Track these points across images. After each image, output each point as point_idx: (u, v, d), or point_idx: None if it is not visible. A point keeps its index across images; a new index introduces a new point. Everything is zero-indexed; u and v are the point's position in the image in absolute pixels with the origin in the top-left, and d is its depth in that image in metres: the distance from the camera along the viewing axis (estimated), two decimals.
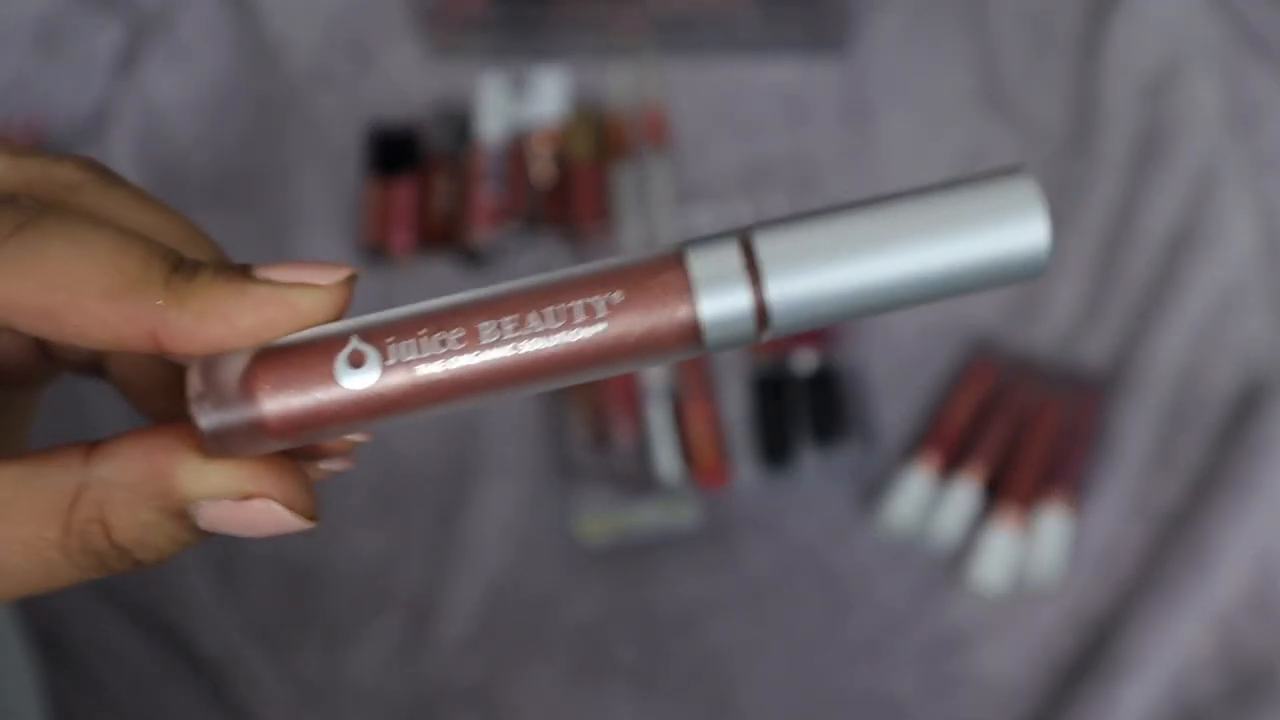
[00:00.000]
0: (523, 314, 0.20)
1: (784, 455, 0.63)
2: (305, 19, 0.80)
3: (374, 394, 0.21)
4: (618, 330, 0.20)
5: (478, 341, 0.20)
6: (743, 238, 0.20)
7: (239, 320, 0.20)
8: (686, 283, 0.20)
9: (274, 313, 0.21)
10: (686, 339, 0.20)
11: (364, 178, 0.75)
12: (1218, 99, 0.70)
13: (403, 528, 0.65)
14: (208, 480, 0.21)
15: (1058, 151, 0.72)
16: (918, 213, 0.20)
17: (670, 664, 0.61)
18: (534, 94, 0.76)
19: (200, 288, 0.20)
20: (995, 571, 0.60)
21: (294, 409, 0.21)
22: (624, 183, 0.73)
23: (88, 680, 0.60)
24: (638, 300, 0.20)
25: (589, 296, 0.20)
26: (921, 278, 0.20)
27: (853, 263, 0.20)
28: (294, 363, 0.21)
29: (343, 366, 0.20)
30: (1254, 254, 0.66)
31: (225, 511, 0.21)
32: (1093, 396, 0.63)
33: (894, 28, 0.77)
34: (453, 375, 0.21)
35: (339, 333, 0.21)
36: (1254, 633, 0.58)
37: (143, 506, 0.21)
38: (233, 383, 0.21)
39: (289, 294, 0.21)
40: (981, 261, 0.20)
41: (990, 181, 0.20)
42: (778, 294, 0.20)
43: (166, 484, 0.21)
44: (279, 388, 0.20)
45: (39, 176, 0.22)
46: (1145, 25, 0.73)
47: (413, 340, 0.21)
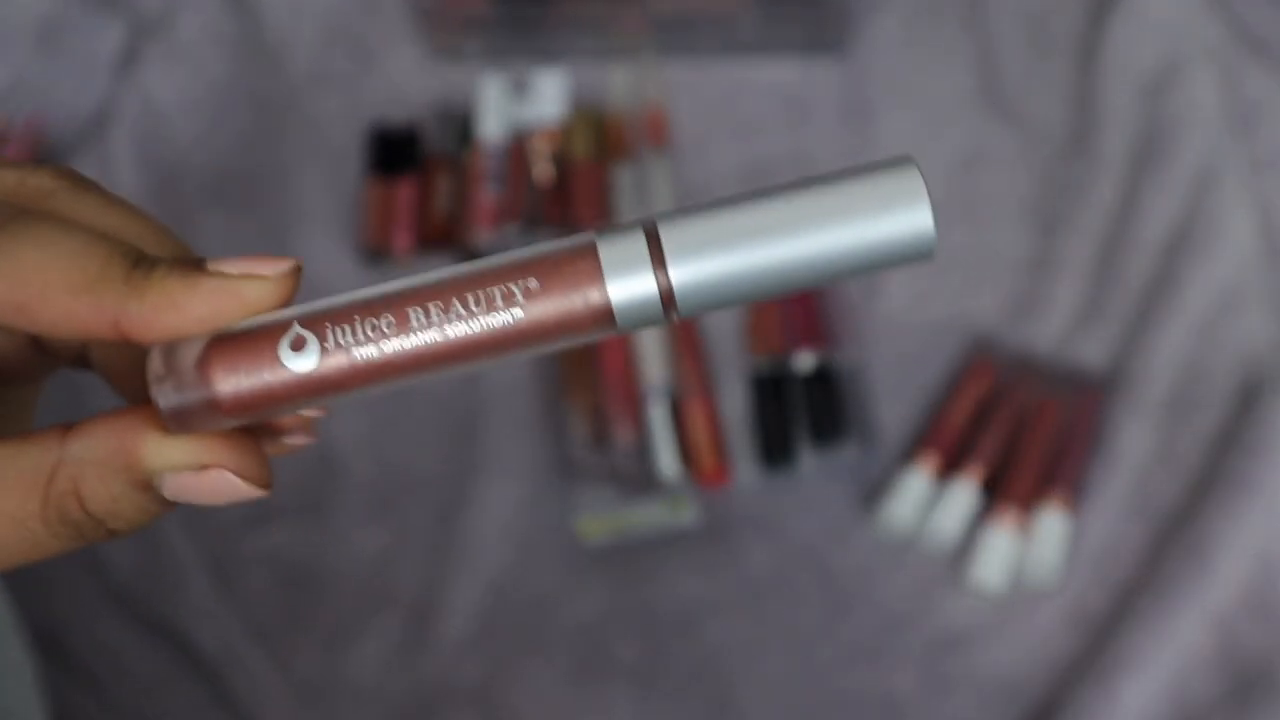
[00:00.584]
0: (447, 300, 0.22)
1: (784, 455, 0.64)
2: (306, 19, 0.80)
3: (315, 375, 0.23)
4: (535, 313, 0.22)
5: (408, 326, 0.22)
6: (648, 227, 0.22)
7: (191, 309, 0.23)
8: (598, 269, 0.22)
9: (223, 302, 0.23)
10: (599, 320, 0.22)
11: (364, 178, 0.75)
12: (1217, 99, 0.70)
13: (403, 528, 0.65)
14: (168, 454, 0.23)
15: (1058, 151, 0.72)
16: (811, 201, 0.22)
17: (670, 664, 0.61)
18: (534, 94, 0.76)
19: (156, 281, 0.23)
20: (995, 571, 0.60)
21: (244, 389, 0.23)
22: (624, 183, 0.73)
23: (88, 680, 0.60)
24: (553, 286, 0.22)
25: (508, 282, 0.22)
26: (814, 261, 0.22)
27: (750, 248, 0.22)
28: (243, 347, 0.23)
29: (285, 350, 0.23)
30: (1253, 254, 0.66)
31: (186, 482, 0.23)
32: (1092, 396, 0.64)
33: (894, 28, 0.77)
34: (386, 357, 0.23)
35: (283, 319, 0.23)
36: (1253, 632, 0.58)
37: (112, 479, 0.23)
38: (189, 366, 0.23)
39: (237, 285, 0.23)
40: (871, 245, 0.22)
41: (879, 171, 0.22)
42: (680, 277, 0.22)
43: (132, 458, 0.23)
44: (230, 370, 0.23)
45: (14, 184, 0.25)
46: (1144, 25, 0.73)
47: (348, 325, 0.23)
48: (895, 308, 0.68)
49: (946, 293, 0.69)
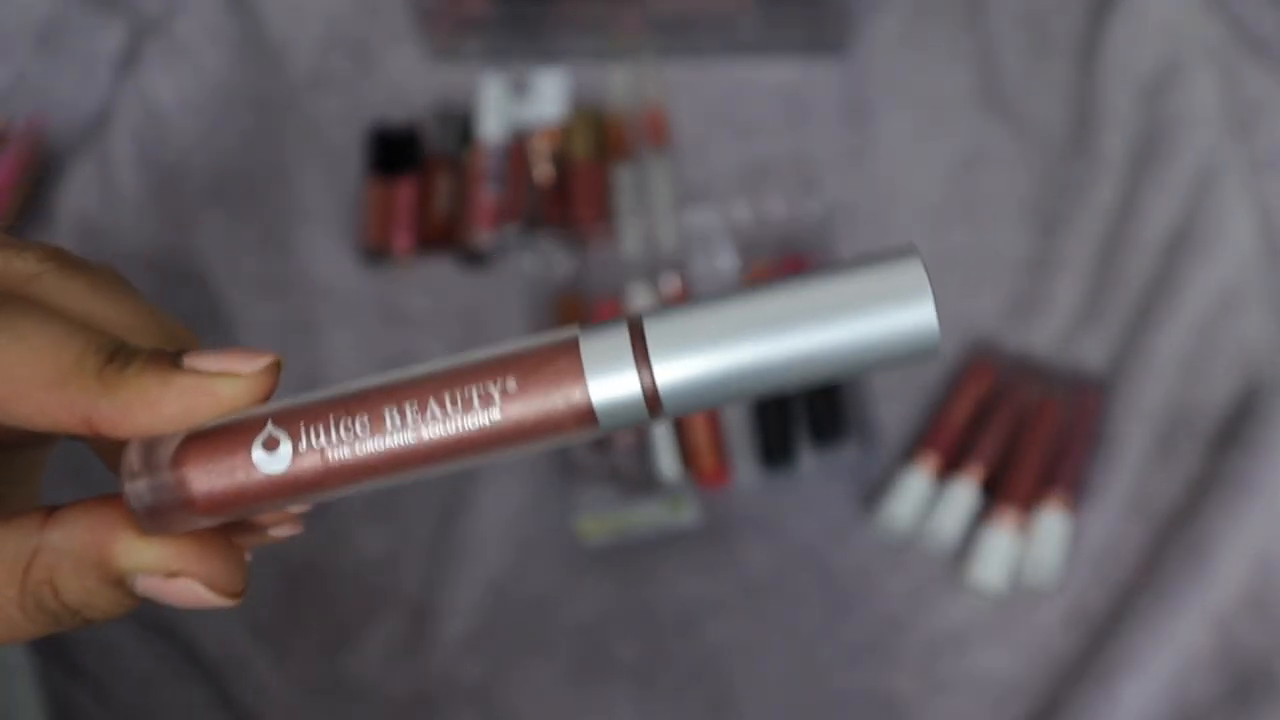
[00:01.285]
0: (423, 401, 0.21)
1: (784, 455, 0.64)
2: (306, 20, 0.80)
3: (289, 476, 0.22)
4: (513, 415, 0.21)
5: (383, 427, 0.22)
6: (633, 324, 0.21)
7: (165, 408, 0.22)
8: (579, 368, 0.21)
9: (198, 400, 0.22)
10: (581, 421, 0.21)
11: (365, 178, 0.75)
12: (1217, 99, 0.70)
13: (403, 528, 0.66)
14: (139, 556, 0.23)
15: (1058, 151, 0.72)
16: (804, 297, 0.21)
17: (670, 663, 0.61)
18: (534, 95, 0.76)
19: (130, 378, 0.22)
20: (994, 571, 0.60)
21: (218, 489, 0.22)
22: (624, 183, 0.73)
23: (89, 680, 0.60)
24: (532, 386, 0.21)
25: (486, 382, 0.21)
26: (807, 361, 0.21)
27: (739, 347, 0.21)
28: (217, 445, 0.22)
29: (258, 450, 0.22)
30: (1252, 254, 0.66)
31: (154, 585, 0.23)
32: (1092, 396, 0.64)
33: (894, 28, 0.77)
34: (360, 459, 0.22)
35: (257, 417, 0.22)
36: (1252, 632, 0.58)
37: (86, 574, 0.23)
38: (164, 463, 0.22)
39: (212, 383, 0.22)
40: (867, 344, 0.20)
41: (880, 264, 0.20)
42: (666, 377, 0.21)
43: (104, 556, 0.23)
44: (204, 469, 0.22)
45: (0, 268, 0.24)
46: (1144, 26, 0.73)
47: (322, 425, 0.22)
48: None
49: (946, 293, 0.69)
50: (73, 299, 0.24)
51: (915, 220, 0.71)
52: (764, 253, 0.68)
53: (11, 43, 0.77)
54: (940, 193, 0.72)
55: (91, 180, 0.74)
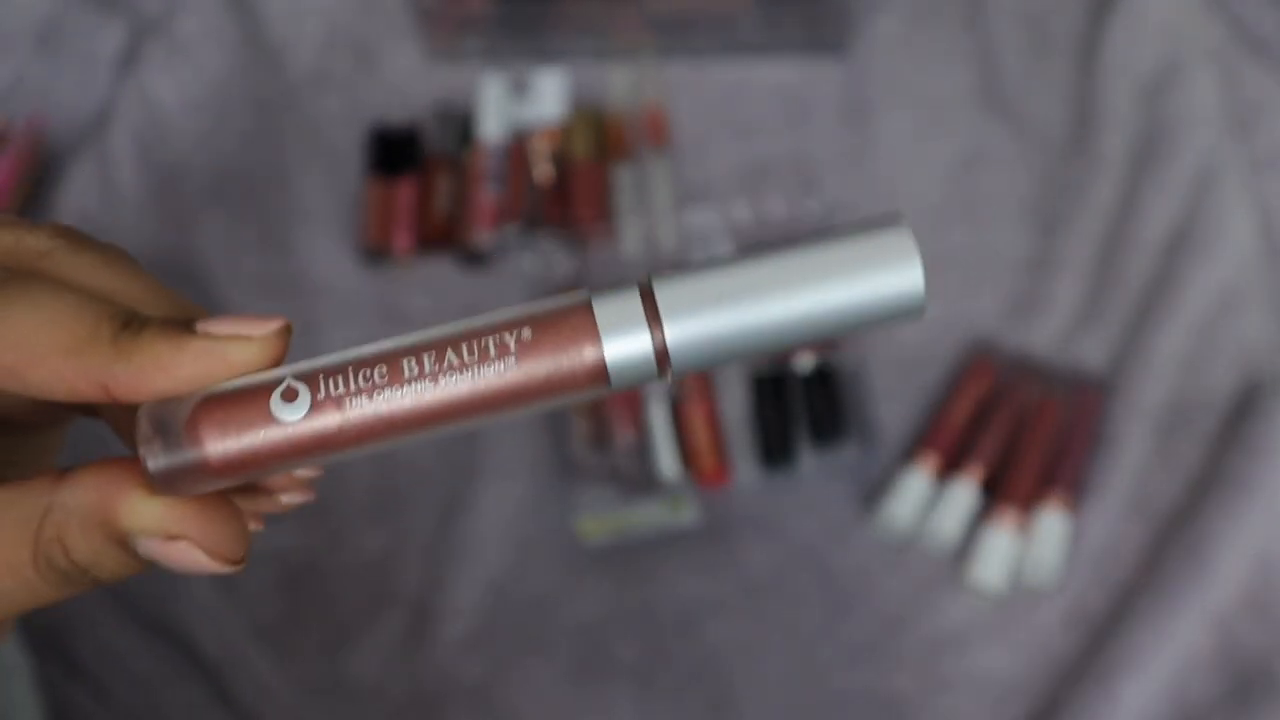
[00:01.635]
0: (440, 350, 0.22)
1: (784, 455, 0.64)
2: (306, 20, 0.80)
3: (307, 429, 0.22)
4: (528, 367, 0.22)
5: (400, 376, 0.22)
6: (643, 286, 0.22)
7: (178, 371, 0.23)
8: (593, 326, 0.22)
9: (210, 364, 0.23)
10: (594, 378, 0.22)
11: (365, 178, 0.75)
12: (1216, 99, 0.70)
13: (403, 528, 0.66)
14: (142, 518, 0.23)
15: (1057, 152, 0.72)
16: (804, 261, 0.22)
17: (670, 663, 0.61)
18: (534, 95, 0.76)
19: (144, 343, 0.23)
20: (994, 571, 0.60)
21: (234, 449, 0.22)
22: (624, 183, 0.73)
23: (89, 680, 0.60)
24: (547, 340, 0.22)
25: (501, 333, 0.22)
26: (806, 320, 0.22)
27: (743, 308, 0.22)
28: (234, 405, 0.22)
29: (277, 401, 0.22)
30: (1252, 254, 0.66)
31: (156, 547, 0.23)
32: (1092, 396, 0.64)
33: (894, 28, 0.77)
34: (379, 410, 0.22)
35: (275, 378, 0.23)
36: (1252, 632, 0.58)
37: (92, 533, 0.23)
38: (178, 426, 0.22)
39: (224, 346, 0.23)
40: (861, 304, 0.22)
41: (871, 230, 0.22)
42: (675, 336, 0.22)
43: (109, 515, 0.23)
44: (220, 430, 0.22)
45: (11, 245, 0.25)
46: (1144, 26, 0.73)
47: (340, 376, 0.22)
48: None
49: (946, 293, 0.69)
50: (84, 274, 0.25)
51: (915, 220, 0.70)
52: None
53: (11, 43, 0.77)
54: (940, 193, 0.72)
55: (92, 180, 0.74)
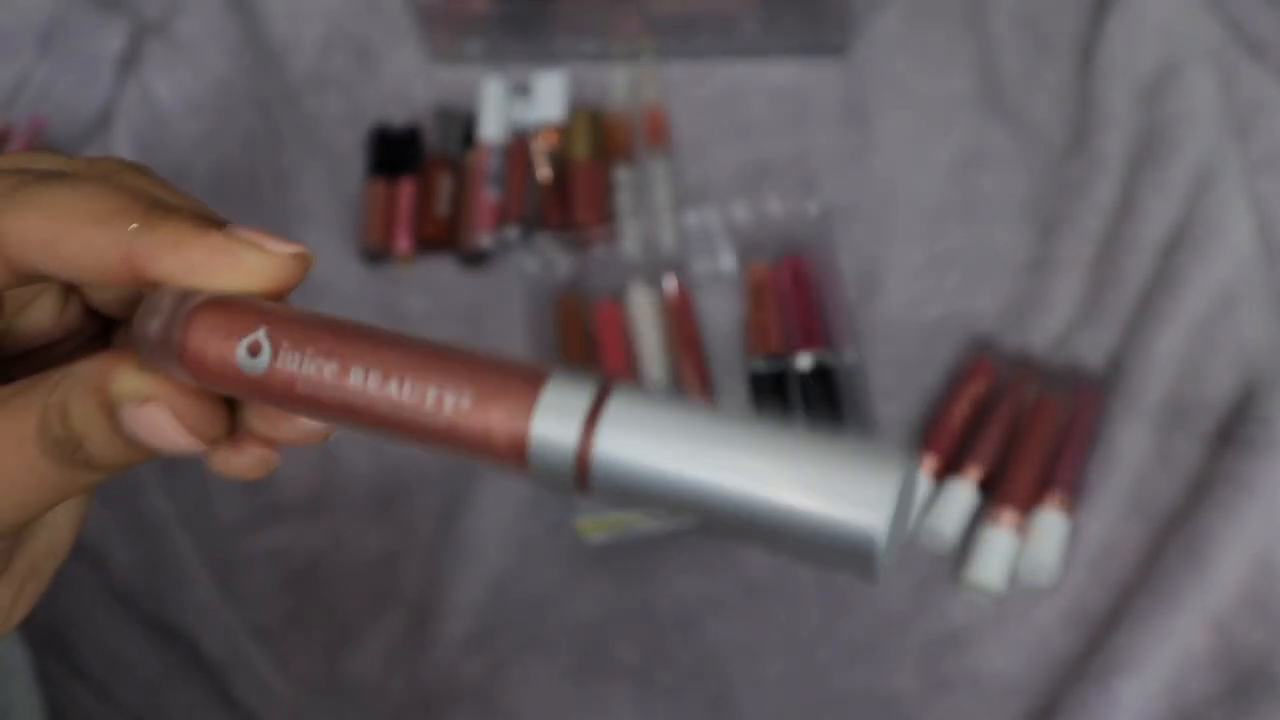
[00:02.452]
0: (387, 374, 0.22)
1: None
2: (307, 21, 0.80)
3: (260, 380, 0.24)
4: (458, 424, 0.22)
5: (346, 380, 0.23)
6: (604, 387, 0.21)
7: (190, 255, 0.24)
8: (532, 405, 0.21)
9: (224, 259, 0.24)
10: (515, 457, 0.21)
11: (365, 179, 0.75)
12: (1216, 100, 0.70)
13: (404, 527, 0.66)
14: (125, 382, 0.24)
15: (1057, 152, 0.72)
16: (769, 449, 0.19)
17: (670, 663, 0.61)
18: (535, 96, 0.76)
19: (173, 222, 0.24)
20: (993, 571, 0.60)
21: (205, 358, 0.24)
22: (624, 183, 0.73)
23: (90, 680, 0.61)
24: (483, 406, 0.21)
25: (444, 388, 0.22)
26: (738, 514, 0.19)
27: (683, 462, 0.20)
28: (222, 320, 0.24)
29: (242, 350, 0.24)
30: (1252, 254, 0.66)
31: (132, 414, 0.24)
32: (1091, 396, 0.64)
33: (894, 28, 0.77)
34: (318, 397, 0.23)
35: (265, 311, 0.24)
36: (1251, 632, 0.58)
37: (88, 399, 0.24)
38: (180, 312, 0.24)
39: (241, 248, 0.24)
40: (800, 531, 0.19)
41: (861, 453, 0.19)
42: (602, 453, 0.20)
43: (103, 380, 0.24)
44: (202, 334, 0.24)
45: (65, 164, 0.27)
46: (1143, 26, 0.73)
47: (299, 354, 0.23)
48: (895, 308, 0.69)
49: (946, 293, 0.69)
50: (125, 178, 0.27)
51: (915, 220, 0.71)
52: (764, 253, 0.69)
53: (13, 43, 0.77)
54: (940, 193, 0.72)
55: None
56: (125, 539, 0.63)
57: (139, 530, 0.63)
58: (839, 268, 0.67)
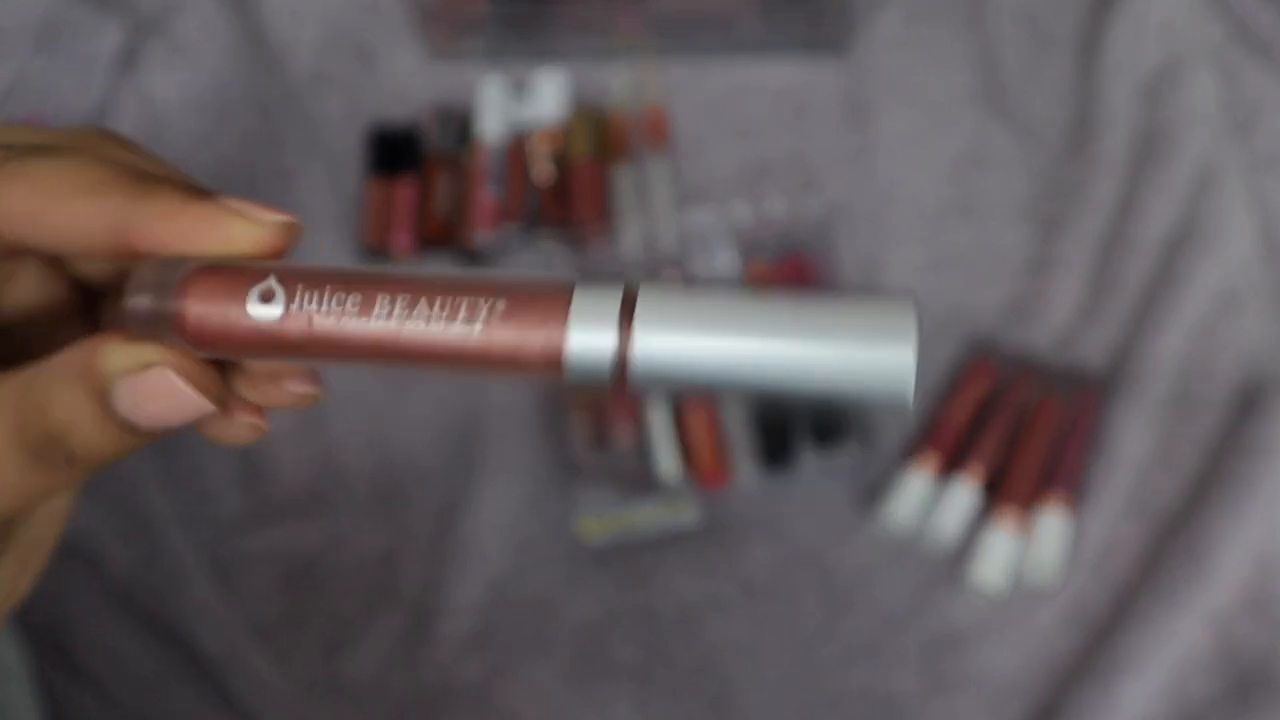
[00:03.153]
0: (414, 297, 0.22)
1: (784, 455, 0.64)
2: (306, 20, 0.80)
3: (274, 330, 0.23)
4: (491, 336, 0.22)
5: (370, 311, 0.22)
6: (629, 289, 0.21)
7: (178, 224, 0.24)
8: (565, 313, 0.21)
9: (212, 229, 0.24)
10: (550, 365, 0.21)
11: (365, 178, 0.75)
12: (1216, 99, 0.70)
13: (403, 527, 0.66)
14: (119, 357, 0.23)
15: (1058, 151, 0.72)
16: (793, 313, 0.21)
17: (670, 663, 0.61)
18: (534, 95, 0.76)
19: (162, 193, 0.24)
20: (994, 571, 0.60)
21: (208, 321, 0.23)
22: (624, 183, 0.73)
23: (89, 680, 0.60)
24: (517, 314, 0.21)
25: (477, 297, 0.22)
26: (778, 375, 0.20)
27: (718, 342, 0.20)
28: (221, 281, 0.23)
29: (254, 298, 0.23)
30: (1252, 254, 0.66)
31: (132, 385, 0.23)
32: (1092, 396, 0.64)
33: (894, 28, 0.77)
34: (342, 335, 0.23)
35: (264, 268, 0.23)
36: (1252, 632, 0.58)
37: (71, 387, 0.23)
38: (171, 284, 0.23)
39: (228, 218, 0.24)
40: (840, 376, 0.20)
41: (875, 302, 0.21)
42: (642, 349, 0.21)
43: (90, 363, 0.23)
44: (203, 298, 0.23)
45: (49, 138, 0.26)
46: (1144, 26, 0.73)
47: (317, 293, 0.23)
48: None
49: (946, 293, 0.69)
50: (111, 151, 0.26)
51: (915, 220, 0.71)
52: (764, 253, 0.68)
53: (10, 42, 0.77)
54: (940, 193, 0.72)
55: None
56: (123, 538, 0.63)
57: (136, 529, 0.63)
58: (839, 268, 0.67)
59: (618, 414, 0.65)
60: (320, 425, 0.68)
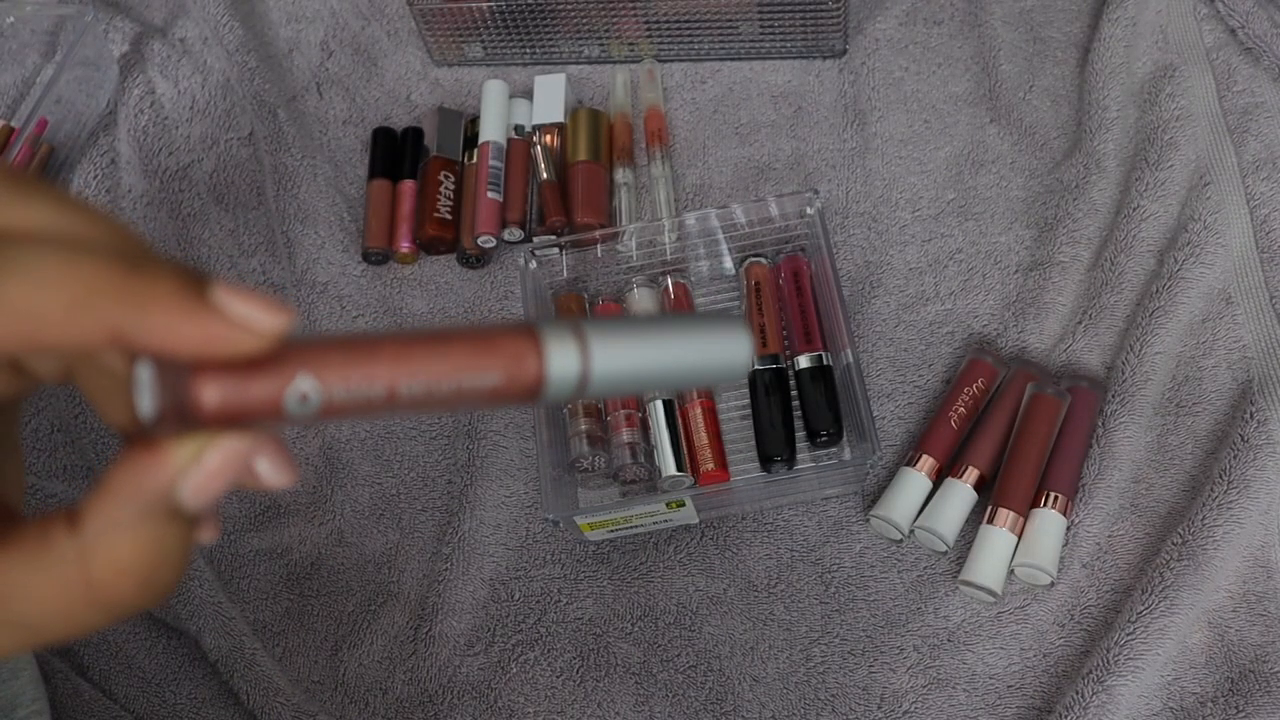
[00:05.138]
0: (430, 382, 0.24)
1: (783, 455, 0.64)
2: (310, 23, 0.81)
3: (303, 419, 0.23)
4: (495, 391, 0.25)
5: (395, 400, 0.24)
6: (578, 327, 0.26)
7: (185, 331, 0.22)
8: (540, 354, 0.25)
9: (214, 336, 0.22)
10: (531, 395, 0.26)
11: (367, 181, 0.75)
12: (1211, 102, 0.71)
13: (405, 526, 0.66)
14: (182, 453, 0.22)
15: (1054, 153, 0.72)
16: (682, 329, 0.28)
17: (670, 661, 0.62)
18: (535, 98, 0.76)
19: (160, 297, 0.22)
20: (991, 570, 0.60)
21: (233, 412, 0.23)
22: (624, 185, 0.73)
23: (93, 677, 0.61)
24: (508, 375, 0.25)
25: (477, 375, 0.25)
26: (678, 375, 0.28)
27: (642, 354, 0.27)
28: (242, 378, 0.22)
29: (292, 400, 0.23)
30: (1247, 255, 0.66)
31: (204, 470, 0.23)
32: (1088, 396, 0.64)
33: (892, 30, 0.77)
34: (368, 410, 0.24)
35: (289, 367, 0.23)
36: (1247, 630, 0.58)
37: (144, 524, 0.22)
38: (181, 380, 0.22)
39: (231, 333, 0.22)
40: (700, 367, 0.28)
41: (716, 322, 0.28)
42: (596, 369, 0.26)
43: (154, 480, 0.22)
44: (222, 392, 0.22)
45: None
46: (1139, 29, 0.73)
47: (347, 388, 0.23)
48: (893, 308, 0.69)
49: (944, 293, 0.69)
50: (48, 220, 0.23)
51: (914, 220, 0.71)
52: (763, 253, 0.69)
53: (18, 46, 0.78)
54: (938, 193, 0.72)
55: (97, 182, 0.75)
56: None
57: None
58: (838, 268, 0.68)
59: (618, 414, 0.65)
60: (322, 426, 0.68)
